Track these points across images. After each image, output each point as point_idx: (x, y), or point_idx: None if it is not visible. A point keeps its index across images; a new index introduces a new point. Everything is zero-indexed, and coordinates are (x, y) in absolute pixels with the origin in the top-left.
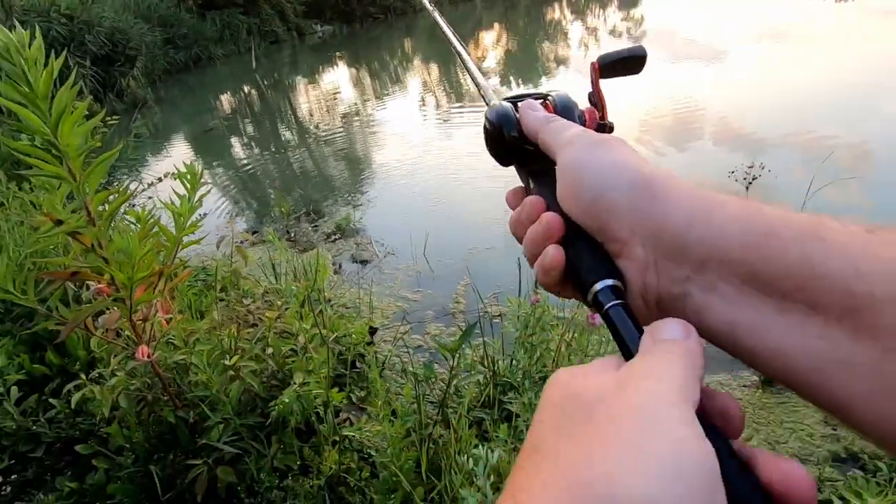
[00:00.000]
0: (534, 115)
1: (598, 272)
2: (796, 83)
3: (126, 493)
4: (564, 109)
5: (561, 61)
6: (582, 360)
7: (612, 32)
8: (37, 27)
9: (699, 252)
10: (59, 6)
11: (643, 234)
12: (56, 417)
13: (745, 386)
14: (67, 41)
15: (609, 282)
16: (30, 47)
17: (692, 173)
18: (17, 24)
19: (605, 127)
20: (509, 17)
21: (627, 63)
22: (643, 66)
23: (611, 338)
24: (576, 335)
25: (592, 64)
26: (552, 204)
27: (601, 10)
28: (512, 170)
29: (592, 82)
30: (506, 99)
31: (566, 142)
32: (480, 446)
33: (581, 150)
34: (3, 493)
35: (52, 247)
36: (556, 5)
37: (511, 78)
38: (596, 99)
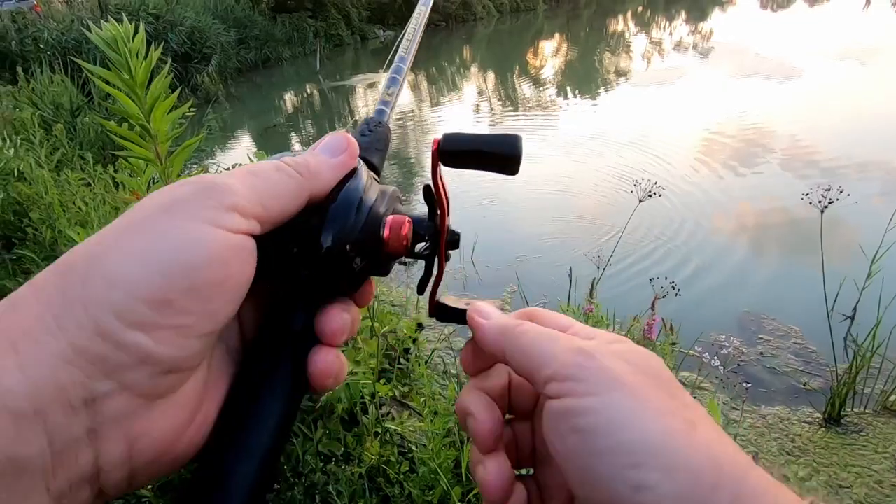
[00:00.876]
0: (491, 322)
1: None
2: (881, 107)
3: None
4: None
5: (621, 73)
6: None
7: (678, 46)
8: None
9: None
10: (147, 6)
11: None
12: None
13: (805, 422)
14: (153, 38)
15: None
16: (133, 40)
17: (760, 196)
18: (123, 18)
19: (431, 247)
20: (570, 27)
21: (488, 157)
22: (516, 165)
23: (665, 354)
24: None
25: (434, 142)
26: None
27: (667, 23)
28: (569, 174)
29: (431, 170)
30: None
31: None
32: None
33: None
34: None
35: None
36: (621, 17)
37: (568, 88)
38: (434, 194)
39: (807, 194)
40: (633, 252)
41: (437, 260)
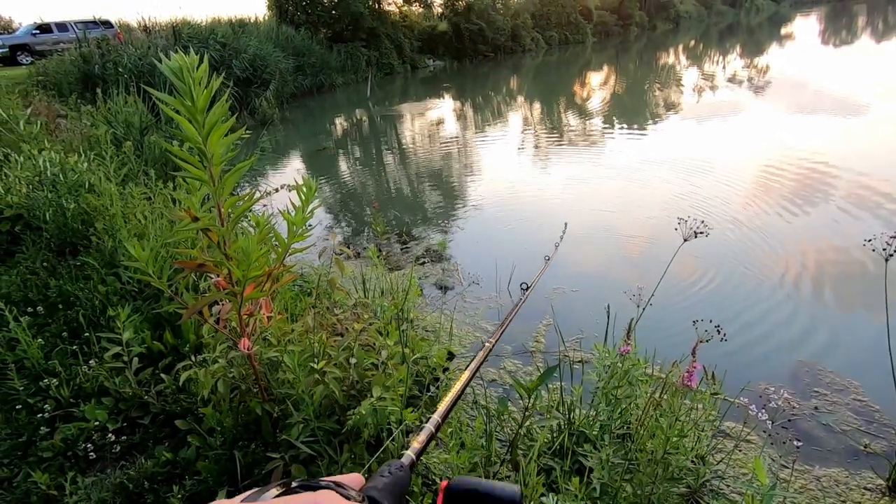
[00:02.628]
0: None
1: None
2: None
3: (211, 472)
4: None
5: (670, 107)
6: (671, 425)
7: (732, 80)
8: (194, 52)
9: None
10: (216, 34)
11: None
12: (164, 391)
13: (866, 488)
14: (218, 64)
15: None
16: (197, 69)
17: (818, 237)
18: (190, 49)
19: None
20: (619, 59)
21: (489, 501)
22: None
23: (705, 404)
24: (666, 395)
25: (443, 486)
26: None
27: (721, 57)
28: (610, 212)
29: None
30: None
31: None
32: (549, 496)
33: None
34: (114, 451)
35: (183, 240)
36: (672, 50)
37: (615, 119)
38: None
39: (869, 240)
40: (679, 291)
41: None
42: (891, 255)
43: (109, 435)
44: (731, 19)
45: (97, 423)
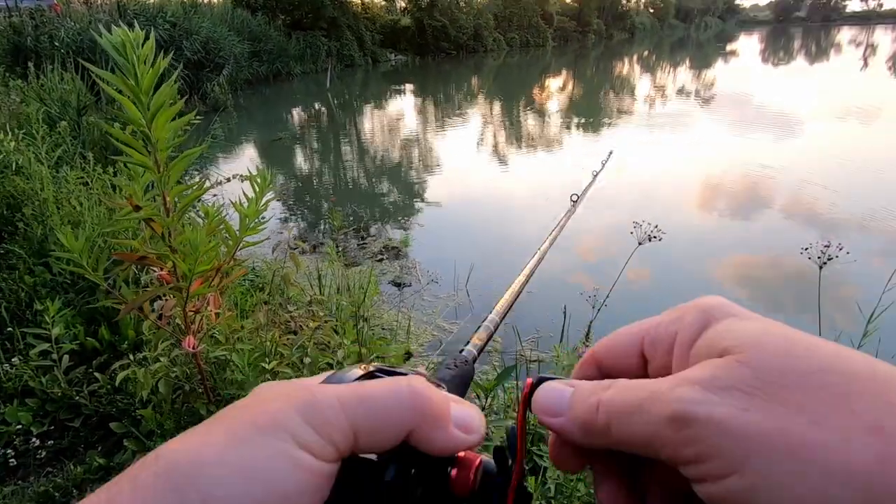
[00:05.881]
0: (567, 420)
1: None
2: (881, 166)
3: None
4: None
5: (624, 113)
6: None
7: (681, 92)
8: (140, 29)
9: None
10: (165, 13)
11: None
12: (98, 392)
13: None
14: (167, 44)
15: None
16: (142, 46)
17: (760, 245)
18: (135, 25)
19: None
20: (578, 65)
21: None
22: None
23: None
24: None
25: (528, 384)
26: None
27: (672, 69)
28: (575, 216)
29: (518, 416)
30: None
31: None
32: None
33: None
34: (38, 456)
35: (123, 230)
36: (626, 60)
37: (572, 125)
38: (517, 443)
39: (806, 248)
40: (631, 294)
41: None
42: (824, 263)
43: (34, 439)
44: (681, 33)
45: (20, 426)
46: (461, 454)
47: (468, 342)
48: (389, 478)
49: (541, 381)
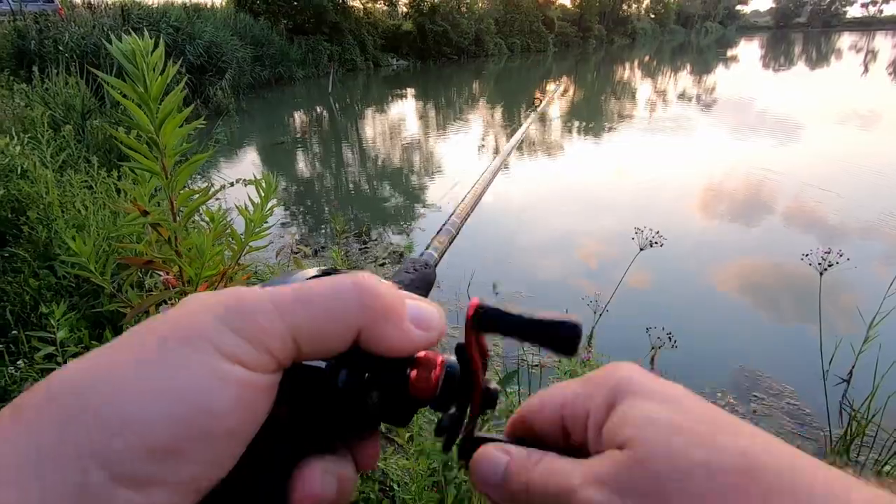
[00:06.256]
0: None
1: None
2: (883, 172)
3: None
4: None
5: (624, 117)
6: None
7: (682, 96)
8: (148, 34)
9: None
10: (169, 17)
11: None
12: None
13: None
14: (171, 49)
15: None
16: (152, 54)
17: (760, 250)
18: (145, 31)
19: (459, 407)
20: (578, 70)
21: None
22: (573, 346)
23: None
24: None
25: (472, 302)
26: None
27: (672, 74)
28: (571, 218)
29: (466, 330)
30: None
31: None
32: None
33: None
34: None
35: (129, 234)
36: (627, 65)
37: (572, 127)
38: (468, 354)
39: (807, 255)
40: (634, 299)
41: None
42: (825, 270)
43: None
44: (682, 38)
45: None
46: (421, 354)
47: (429, 245)
48: (340, 384)
49: (486, 310)
